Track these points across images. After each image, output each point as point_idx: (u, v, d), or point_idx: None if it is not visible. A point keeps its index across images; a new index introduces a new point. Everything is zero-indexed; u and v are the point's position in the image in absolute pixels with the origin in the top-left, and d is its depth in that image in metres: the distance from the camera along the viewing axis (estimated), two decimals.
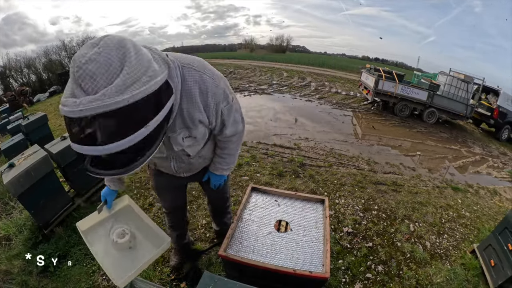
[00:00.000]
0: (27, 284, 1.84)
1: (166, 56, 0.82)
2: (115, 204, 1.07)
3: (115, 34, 0.64)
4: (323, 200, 1.63)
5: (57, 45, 21.14)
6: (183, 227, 1.78)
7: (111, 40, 0.60)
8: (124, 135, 0.59)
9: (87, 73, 0.56)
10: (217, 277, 0.91)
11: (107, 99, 0.55)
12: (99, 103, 0.54)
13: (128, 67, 0.59)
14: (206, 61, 1.01)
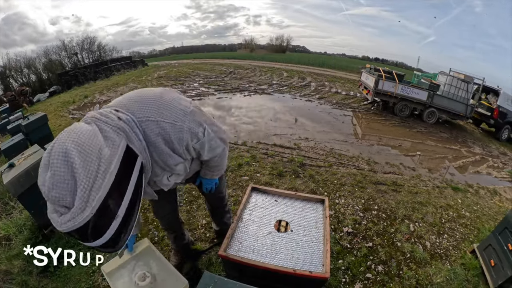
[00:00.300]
0: (27, 284, 1.84)
1: (119, 119, 0.82)
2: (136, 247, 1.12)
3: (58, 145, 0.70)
4: (323, 200, 1.63)
5: (57, 45, 21.14)
6: (179, 228, 1.78)
7: (56, 157, 0.67)
8: (103, 232, 0.72)
9: (54, 200, 0.67)
10: (217, 277, 0.91)
11: (77, 217, 0.65)
12: (71, 224, 0.66)
13: (79, 180, 0.66)
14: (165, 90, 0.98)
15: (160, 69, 14.82)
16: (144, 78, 11.86)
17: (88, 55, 23.21)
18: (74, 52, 21.83)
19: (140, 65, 17.51)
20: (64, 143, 0.70)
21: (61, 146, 0.69)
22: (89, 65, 16.30)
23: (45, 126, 4.38)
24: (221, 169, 1.30)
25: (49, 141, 2.92)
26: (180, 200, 2.56)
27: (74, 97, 9.22)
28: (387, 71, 7.81)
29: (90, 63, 18.67)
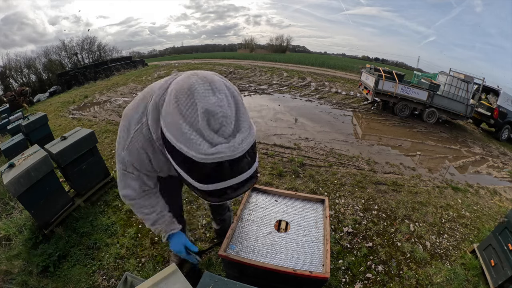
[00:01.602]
0: (27, 284, 1.84)
1: None
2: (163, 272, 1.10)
3: (209, 73, 0.72)
4: (323, 200, 1.63)
5: (57, 45, 21.17)
6: (183, 227, 1.78)
7: (219, 83, 0.67)
8: (255, 150, 0.71)
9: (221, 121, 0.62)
10: (217, 277, 0.91)
11: (251, 132, 0.67)
12: (249, 139, 0.65)
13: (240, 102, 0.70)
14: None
15: (160, 69, 14.82)
16: (144, 78, 11.86)
17: (88, 55, 23.25)
18: (74, 52, 21.86)
19: (140, 65, 17.52)
20: (212, 75, 0.71)
21: (213, 74, 0.72)
22: (89, 65, 16.30)
23: (45, 126, 4.39)
24: None
25: (49, 141, 2.92)
26: None
27: (74, 97, 9.22)
28: (387, 71, 7.81)
29: (90, 63, 18.68)
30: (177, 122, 0.62)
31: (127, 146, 0.92)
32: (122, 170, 1.01)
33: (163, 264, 1.97)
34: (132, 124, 0.89)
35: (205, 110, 0.61)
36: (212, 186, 0.64)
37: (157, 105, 0.79)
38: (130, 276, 1.30)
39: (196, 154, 0.60)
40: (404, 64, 38.47)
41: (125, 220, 2.45)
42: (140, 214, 1.13)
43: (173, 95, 0.65)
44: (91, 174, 2.70)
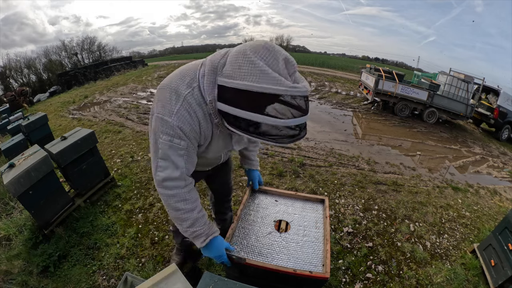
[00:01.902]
0: (27, 284, 1.84)
1: None
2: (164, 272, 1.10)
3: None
4: (323, 200, 1.63)
5: (57, 45, 21.18)
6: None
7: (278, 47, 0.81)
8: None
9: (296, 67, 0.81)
10: (217, 277, 0.91)
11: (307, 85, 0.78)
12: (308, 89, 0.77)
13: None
14: None
15: (160, 69, 14.83)
16: (144, 78, 11.86)
17: (88, 55, 23.28)
18: (74, 52, 21.87)
19: (140, 65, 17.53)
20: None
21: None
22: (89, 65, 16.31)
23: (45, 126, 4.39)
24: None
25: (49, 141, 2.92)
26: None
27: (74, 97, 9.23)
28: (387, 71, 7.81)
29: (90, 63, 18.69)
30: (259, 68, 0.73)
31: (177, 110, 0.88)
32: (167, 142, 0.91)
33: (163, 264, 1.98)
34: (181, 89, 0.88)
35: (284, 57, 0.77)
36: (292, 121, 0.76)
37: (214, 68, 0.85)
38: (130, 276, 1.30)
39: (284, 87, 0.72)
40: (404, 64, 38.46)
41: (125, 220, 2.45)
42: (177, 211, 1.02)
43: (250, 52, 0.76)
44: (91, 174, 2.70)
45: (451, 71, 7.87)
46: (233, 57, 0.80)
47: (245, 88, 0.74)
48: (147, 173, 3.26)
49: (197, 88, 0.89)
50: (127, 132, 4.88)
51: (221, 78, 0.81)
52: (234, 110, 0.79)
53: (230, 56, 0.82)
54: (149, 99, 7.68)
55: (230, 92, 0.79)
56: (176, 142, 0.91)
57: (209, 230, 1.08)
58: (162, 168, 0.96)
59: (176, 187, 0.99)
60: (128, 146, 4.20)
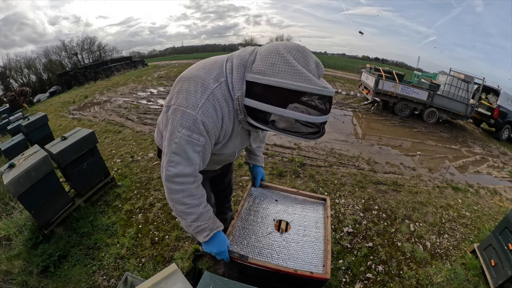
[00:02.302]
0: (27, 284, 1.84)
1: None
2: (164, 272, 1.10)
3: None
4: (325, 199, 1.63)
5: (57, 45, 21.19)
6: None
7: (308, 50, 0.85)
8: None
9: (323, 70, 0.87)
10: (217, 277, 0.91)
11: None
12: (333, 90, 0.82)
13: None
14: None
15: (160, 69, 14.83)
16: (144, 78, 11.86)
17: (88, 55, 23.28)
18: (74, 52, 21.87)
19: (140, 65, 17.53)
20: None
21: None
22: (89, 65, 16.31)
23: (45, 126, 4.39)
24: None
25: (49, 141, 2.92)
26: None
27: (74, 97, 9.23)
28: (387, 71, 7.81)
29: (90, 63, 18.69)
30: (295, 68, 0.77)
31: (203, 104, 0.84)
32: (185, 137, 0.87)
33: (163, 264, 1.98)
34: (209, 82, 0.86)
35: (316, 61, 0.83)
36: (319, 118, 0.82)
37: (244, 65, 0.86)
38: (130, 276, 1.30)
39: (318, 87, 0.77)
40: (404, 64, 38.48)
41: (125, 220, 2.45)
42: (183, 206, 0.99)
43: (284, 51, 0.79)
44: (91, 174, 2.70)
45: (451, 71, 7.87)
46: (265, 55, 0.81)
47: (278, 85, 0.77)
48: (147, 173, 3.26)
49: (224, 83, 0.87)
50: (127, 132, 4.88)
51: (251, 74, 0.83)
52: (264, 105, 0.82)
53: (260, 54, 0.84)
54: (149, 99, 7.68)
55: (261, 88, 0.81)
56: (195, 137, 0.88)
57: (213, 225, 1.06)
58: (174, 163, 0.92)
59: (185, 183, 0.96)
60: (128, 146, 4.20)
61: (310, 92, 0.77)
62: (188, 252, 2.05)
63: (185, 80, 0.89)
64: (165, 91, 8.70)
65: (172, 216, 2.48)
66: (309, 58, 0.80)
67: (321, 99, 0.80)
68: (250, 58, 0.86)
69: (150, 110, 6.43)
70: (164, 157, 0.95)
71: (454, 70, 7.82)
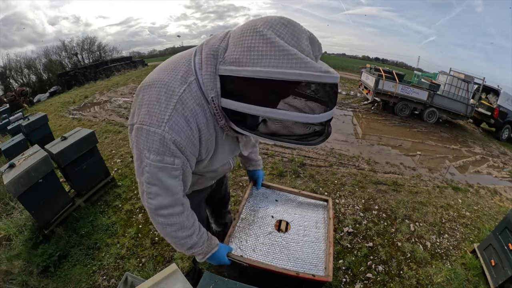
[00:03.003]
0: (27, 284, 1.84)
1: None
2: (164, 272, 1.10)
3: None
4: (327, 200, 1.63)
5: (57, 46, 21.19)
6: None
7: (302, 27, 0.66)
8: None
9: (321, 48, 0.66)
10: (217, 277, 0.91)
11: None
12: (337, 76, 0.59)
13: None
14: None
15: None
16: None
17: (88, 55, 23.28)
18: (74, 52, 21.87)
19: (140, 65, 17.54)
20: None
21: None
22: (89, 65, 16.32)
23: (45, 126, 4.39)
24: None
25: (49, 141, 2.92)
26: None
27: (74, 97, 9.23)
28: (387, 70, 7.81)
29: (90, 63, 18.69)
30: (279, 48, 0.55)
31: (169, 117, 0.65)
32: (156, 164, 0.70)
33: (163, 264, 1.98)
34: (174, 86, 0.66)
35: (309, 35, 0.60)
36: (325, 115, 0.60)
37: (214, 54, 0.64)
38: (131, 276, 1.30)
39: (318, 72, 0.54)
40: (404, 64, 38.50)
41: (125, 220, 2.45)
42: (175, 239, 0.87)
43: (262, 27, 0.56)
44: (91, 174, 2.70)
45: (451, 71, 7.86)
46: (238, 37, 0.60)
47: (259, 75, 0.56)
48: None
49: (194, 83, 0.67)
50: (127, 132, 4.88)
51: (224, 66, 0.62)
52: (246, 106, 0.61)
53: (233, 37, 0.62)
54: None
55: (238, 83, 0.61)
56: (168, 161, 0.70)
57: (207, 249, 0.98)
58: (152, 195, 0.77)
59: (172, 215, 0.82)
60: (128, 146, 4.19)
61: (307, 81, 0.55)
62: None
63: (145, 88, 0.70)
64: None
65: None
66: (299, 33, 0.58)
67: (323, 88, 0.58)
68: (221, 45, 0.64)
69: None
70: (140, 188, 0.80)
71: (454, 70, 7.83)
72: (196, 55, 0.69)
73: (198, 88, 0.67)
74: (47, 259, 1.99)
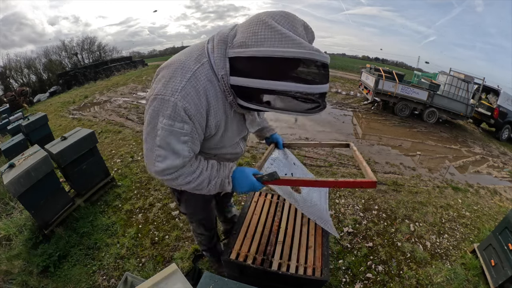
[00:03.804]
0: (27, 284, 1.84)
1: None
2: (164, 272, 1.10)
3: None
4: (348, 144, 1.65)
5: (57, 45, 21.19)
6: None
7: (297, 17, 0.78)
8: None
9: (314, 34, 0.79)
10: (217, 277, 0.91)
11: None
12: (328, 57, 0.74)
13: None
14: None
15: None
16: (144, 78, 11.86)
17: (88, 55, 23.28)
18: (74, 52, 21.86)
19: (140, 65, 17.54)
20: None
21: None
22: (89, 65, 16.32)
23: (45, 126, 4.39)
24: None
25: (49, 141, 2.92)
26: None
27: (74, 97, 9.23)
28: (387, 71, 7.81)
29: (90, 63, 18.69)
30: (279, 32, 0.69)
31: (182, 87, 0.77)
32: (167, 127, 0.79)
33: (163, 264, 1.98)
34: (190, 64, 0.79)
35: (303, 23, 0.75)
36: (318, 87, 0.74)
37: (224, 40, 0.79)
38: (130, 276, 1.30)
39: (310, 50, 0.68)
40: (404, 64, 38.52)
41: (125, 220, 2.45)
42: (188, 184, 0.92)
43: (265, 17, 0.71)
44: (91, 174, 2.70)
45: (451, 71, 7.87)
46: (245, 26, 0.75)
47: (264, 54, 0.69)
48: (147, 173, 3.26)
49: (207, 63, 0.80)
50: (127, 132, 4.88)
51: (233, 49, 0.76)
52: (252, 81, 0.74)
53: (240, 26, 0.78)
54: None
55: (245, 62, 0.74)
56: (178, 126, 0.80)
57: (226, 172, 0.97)
58: (161, 157, 0.84)
59: (177, 171, 0.88)
60: (128, 146, 4.20)
61: (302, 58, 0.68)
62: (188, 252, 2.05)
63: (164, 67, 0.83)
64: None
65: (172, 216, 2.48)
66: (295, 21, 0.72)
67: (315, 64, 0.70)
68: (230, 33, 0.79)
69: None
70: (149, 151, 0.85)
71: (454, 70, 7.83)
72: (209, 43, 0.83)
73: (210, 68, 0.80)
74: (47, 259, 1.99)
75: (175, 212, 2.52)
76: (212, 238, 1.60)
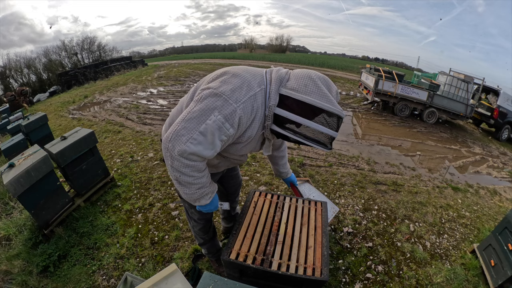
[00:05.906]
0: (27, 284, 1.84)
1: None
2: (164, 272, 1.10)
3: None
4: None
5: (57, 45, 21.17)
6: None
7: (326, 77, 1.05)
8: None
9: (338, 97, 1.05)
10: (217, 277, 0.91)
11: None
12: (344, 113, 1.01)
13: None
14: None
15: (160, 69, 14.82)
16: (144, 78, 11.86)
17: (88, 55, 23.24)
18: (74, 52, 21.85)
19: (140, 65, 17.52)
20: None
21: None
22: (89, 65, 16.30)
23: (45, 126, 4.39)
24: None
25: (49, 141, 2.92)
26: (179, 202, 2.56)
27: (74, 97, 9.22)
28: (387, 71, 7.81)
29: (90, 63, 18.67)
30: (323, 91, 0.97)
31: (245, 101, 0.95)
32: (218, 123, 0.93)
33: (163, 264, 1.98)
34: (254, 85, 0.99)
35: (335, 90, 1.03)
36: (332, 132, 1.00)
37: (281, 80, 1.03)
38: (130, 276, 1.31)
39: (336, 108, 0.97)
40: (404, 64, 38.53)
41: (125, 220, 2.45)
42: (189, 177, 1.05)
43: (315, 77, 1.00)
44: (91, 174, 2.70)
45: (451, 71, 7.87)
46: (299, 77, 1.00)
47: (308, 101, 0.95)
48: (147, 173, 3.26)
49: (264, 90, 1.01)
50: (127, 132, 4.88)
51: (286, 89, 1.00)
52: (294, 116, 0.98)
53: (294, 75, 1.03)
54: (149, 99, 7.67)
55: (293, 102, 0.98)
56: (227, 127, 0.95)
57: (212, 188, 1.18)
58: (196, 141, 0.94)
59: (197, 161, 1.01)
60: (128, 146, 4.20)
61: (331, 112, 0.96)
62: (188, 252, 2.05)
63: (231, 75, 1.00)
64: (165, 91, 8.70)
65: (172, 216, 2.48)
66: (332, 87, 1.01)
67: (336, 118, 0.98)
68: (286, 76, 1.04)
69: (150, 110, 6.43)
70: (186, 130, 0.94)
71: (454, 70, 7.83)
72: (267, 74, 1.05)
73: (264, 95, 1.02)
74: (46, 259, 1.99)
75: (175, 212, 2.52)
76: (209, 229, 1.64)
